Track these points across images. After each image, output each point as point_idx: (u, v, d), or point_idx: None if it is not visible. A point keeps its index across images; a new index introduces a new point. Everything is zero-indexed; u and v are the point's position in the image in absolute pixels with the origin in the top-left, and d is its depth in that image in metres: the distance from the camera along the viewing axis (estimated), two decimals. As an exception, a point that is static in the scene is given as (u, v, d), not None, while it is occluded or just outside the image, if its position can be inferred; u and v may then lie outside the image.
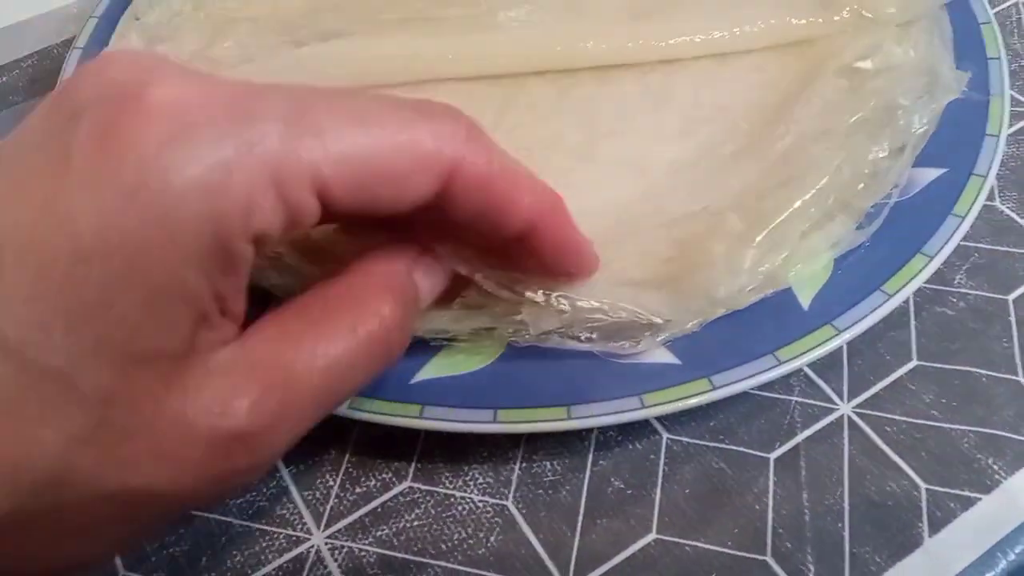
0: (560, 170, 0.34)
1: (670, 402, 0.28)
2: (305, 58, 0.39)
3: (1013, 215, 0.35)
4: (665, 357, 0.29)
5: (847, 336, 0.29)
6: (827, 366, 0.32)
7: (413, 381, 0.29)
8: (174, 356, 0.18)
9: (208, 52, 0.40)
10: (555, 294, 0.27)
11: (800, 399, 0.31)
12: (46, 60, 0.47)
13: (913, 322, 0.33)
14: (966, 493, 0.29)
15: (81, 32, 0.42)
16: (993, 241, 0.34)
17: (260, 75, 0.38)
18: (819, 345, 0.28)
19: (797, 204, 0.30)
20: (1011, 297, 0.33)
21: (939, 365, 0.32)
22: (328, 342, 0.20)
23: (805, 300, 0.30)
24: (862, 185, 0.31)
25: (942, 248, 0.30)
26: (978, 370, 0.31)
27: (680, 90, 0.37)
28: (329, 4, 0.42)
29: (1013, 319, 0.32)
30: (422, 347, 0.30)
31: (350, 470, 0.31)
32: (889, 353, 0.32)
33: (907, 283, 0.29)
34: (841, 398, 0.31)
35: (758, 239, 0.29)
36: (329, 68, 0.38)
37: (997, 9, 0.42)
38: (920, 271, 0.30)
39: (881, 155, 0.31)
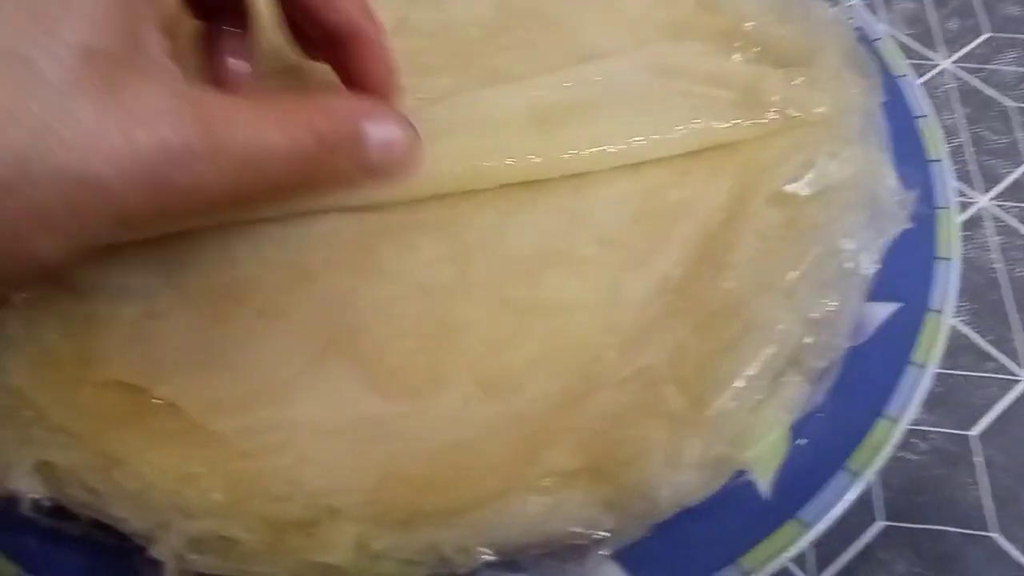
0: (470, 323, 0.30)
1: (624, 639, 0.24)
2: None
3: (968, 330, 0.32)
4: (615, 574, 0.25)
5: (814, 533, 0.25)
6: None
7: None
8: (125, 60, 0.20)
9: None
10: (477, 547, 0.23)
11: (763, 582, 0.28)
12: None
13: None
14: None
15: None
16: (949, 364, 0.32)
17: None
18: (786, 547, 0.25)
19: (744, 377, 0.26)
20: (974, 432, 0.30)
21: (908, 525, 0.29)
22: (262, 124, 0.21)
23: (764, 484, 0.26)
24: (811, 339, 0.28)
25: (906, 408, 0.27)
26: (949, 528, 0.29)
27: (598, 212, 0.33)
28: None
29: (979, 460, 0.30)
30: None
31: None
32: (854, 513, 0.29)
33: (873, 458, 0.26)
34: (807, 576, 0.28)
35: (701, 423, 0.26)
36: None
37: (924, 79, 0.40)
38: (885, 442, 0.26)
39: (830, 309, 0.27)
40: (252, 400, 0.29)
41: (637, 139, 0.33)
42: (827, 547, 0.28)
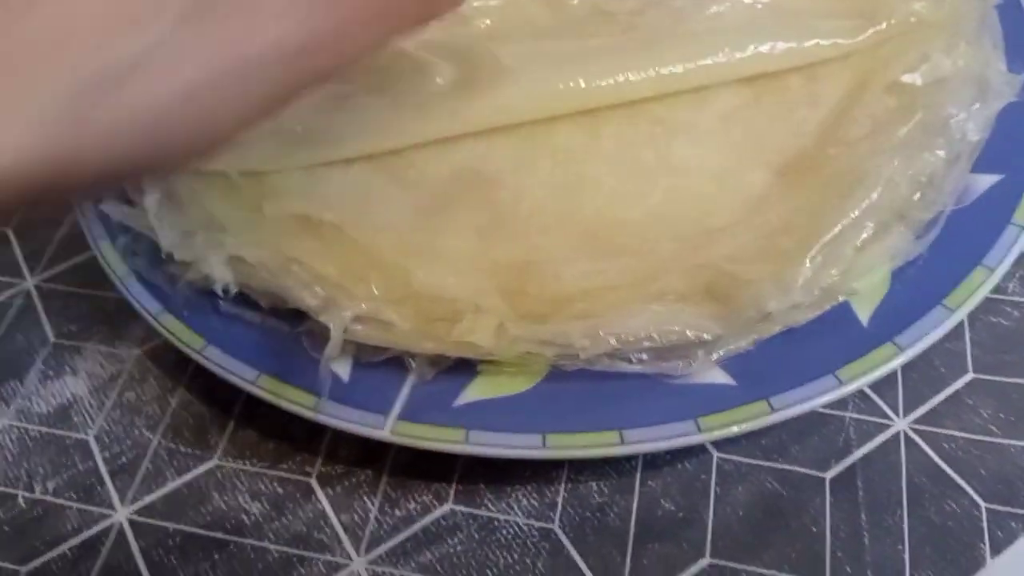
0: (597, 179, 0.33)
1: (727, 426, 0.27)
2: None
3: (1069, 219, 0.34)
4: (720, 378, 0.28)
5: (910, 354, 0.27)
6: (882, 380, 0.30)
7: (456, 404, 0.28)
8: None
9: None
10: (602, 332, 0.26)
11: (855, 415, 0.30)
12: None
13: (968, 333, 0.32)
14: (1028, 513, 0.28)
15: None
16: (1049, 246, 0.33)
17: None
18: (881, 364, 0.27)
19: (850, 218, 0.29)
20: (1069, 306, 0.32)
21: (996, 378, 0.31)
22: None
23: (864, 315, 0.29)
24: (918, 195, 0.30)
25: (1003, 260, 0.29)
26: (1036, 383, 0.30)
27: (723, 92, 0.35)
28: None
29: (1072, 328, 0.31)
30: (466, 367, 0.29)
31: (389, 492, 0.30)
32: (944, 366, 0.31)
33: (969, 297, 0.28)
34: (897, 414, 0.30)
35: (810, 256, 0.28)
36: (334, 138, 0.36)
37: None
38: (981, 284, 0.28)
39: (936, 162, 0.30)
40: (402, 230, 0.32)
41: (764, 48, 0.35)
42: (917, 392, 0.31)
